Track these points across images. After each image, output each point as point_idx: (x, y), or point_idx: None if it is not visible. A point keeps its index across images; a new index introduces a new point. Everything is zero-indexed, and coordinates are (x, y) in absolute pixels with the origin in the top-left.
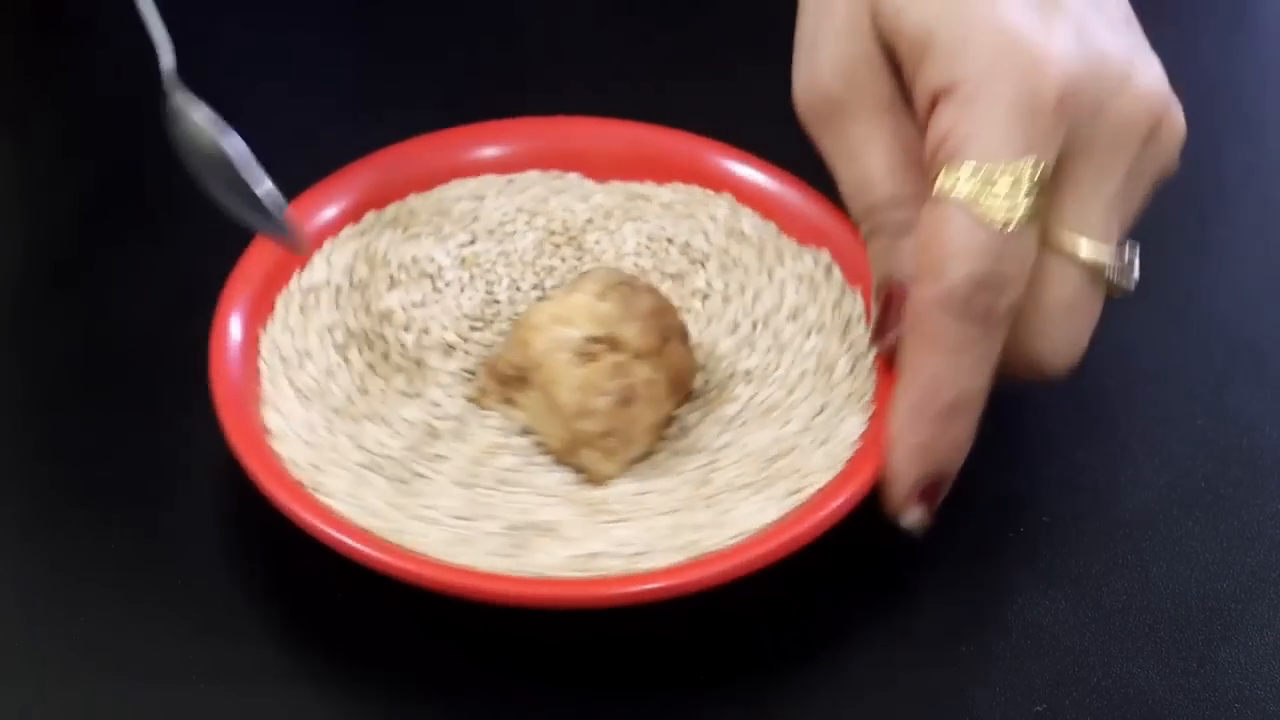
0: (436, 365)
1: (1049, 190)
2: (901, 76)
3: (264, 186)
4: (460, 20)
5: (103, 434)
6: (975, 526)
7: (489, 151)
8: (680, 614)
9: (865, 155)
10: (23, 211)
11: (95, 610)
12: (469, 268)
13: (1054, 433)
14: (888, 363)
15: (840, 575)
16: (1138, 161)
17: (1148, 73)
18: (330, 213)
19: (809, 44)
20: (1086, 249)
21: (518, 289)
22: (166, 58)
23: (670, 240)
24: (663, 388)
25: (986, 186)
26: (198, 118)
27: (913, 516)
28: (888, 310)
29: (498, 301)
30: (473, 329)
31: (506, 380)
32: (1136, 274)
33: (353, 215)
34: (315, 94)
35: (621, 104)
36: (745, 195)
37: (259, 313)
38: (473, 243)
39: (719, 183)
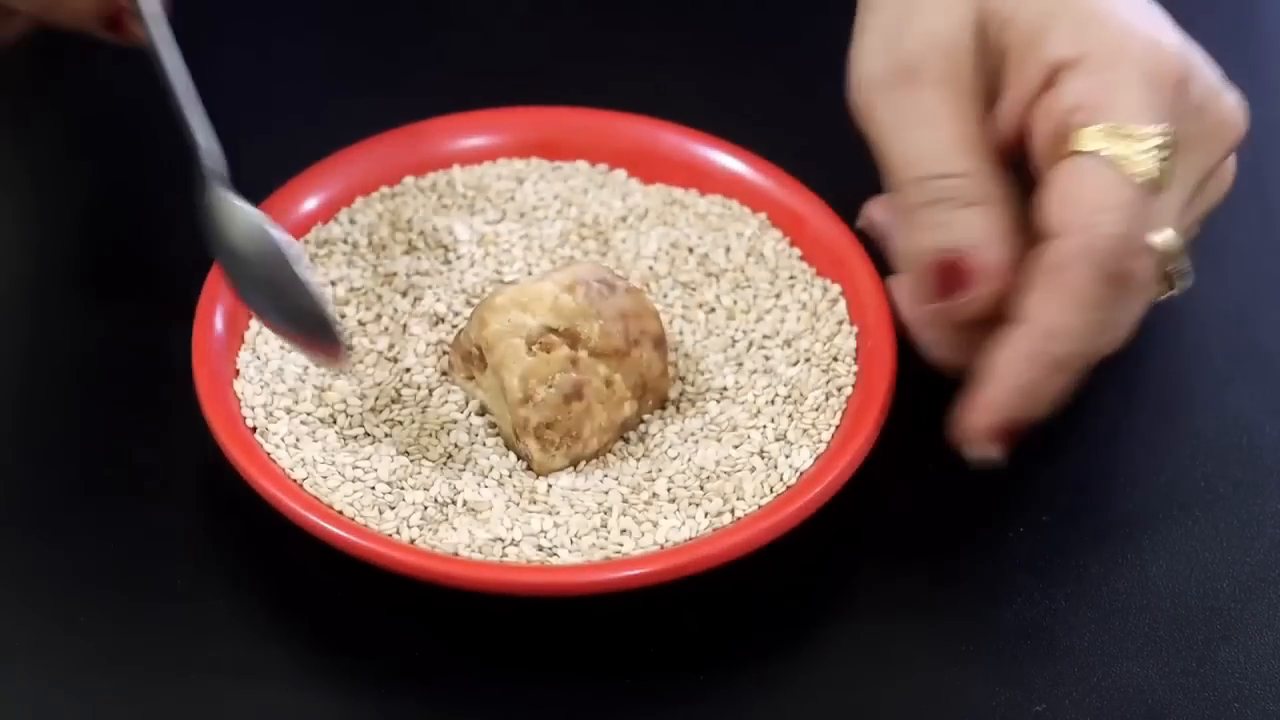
0: (419, 333)
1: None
2: (983, 69)
3: (317, 289)
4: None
5: (102, 434)
6: (975, 526)
7: (540, 135)
8: (679, 605)
9: (934, 124)
10: (22, 212)
11: (95, 610)
12: (486, 245)
13: (1054, 433)
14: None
15: (838, 574)
16: (1214, 172)
17: (1235, 94)
18: (367, 172)
19: (894, 19)
20: (1164, 236)
21: (529, 273)
22: (213, 159)
23: (691, 250)
24: (623, 390)
25: (1129, 146)
26: (245, 218)
27: (984, 452)
28: (946, 276)
29: (503, 282)
30: (468, 304)
31: (468, 357)
32: (1190, 280)
33: (390, 178)
34: (315, 93)
35: (624, 100)
36: (778, 217)
37: None
38: (499, 222)
39: (757, 201)
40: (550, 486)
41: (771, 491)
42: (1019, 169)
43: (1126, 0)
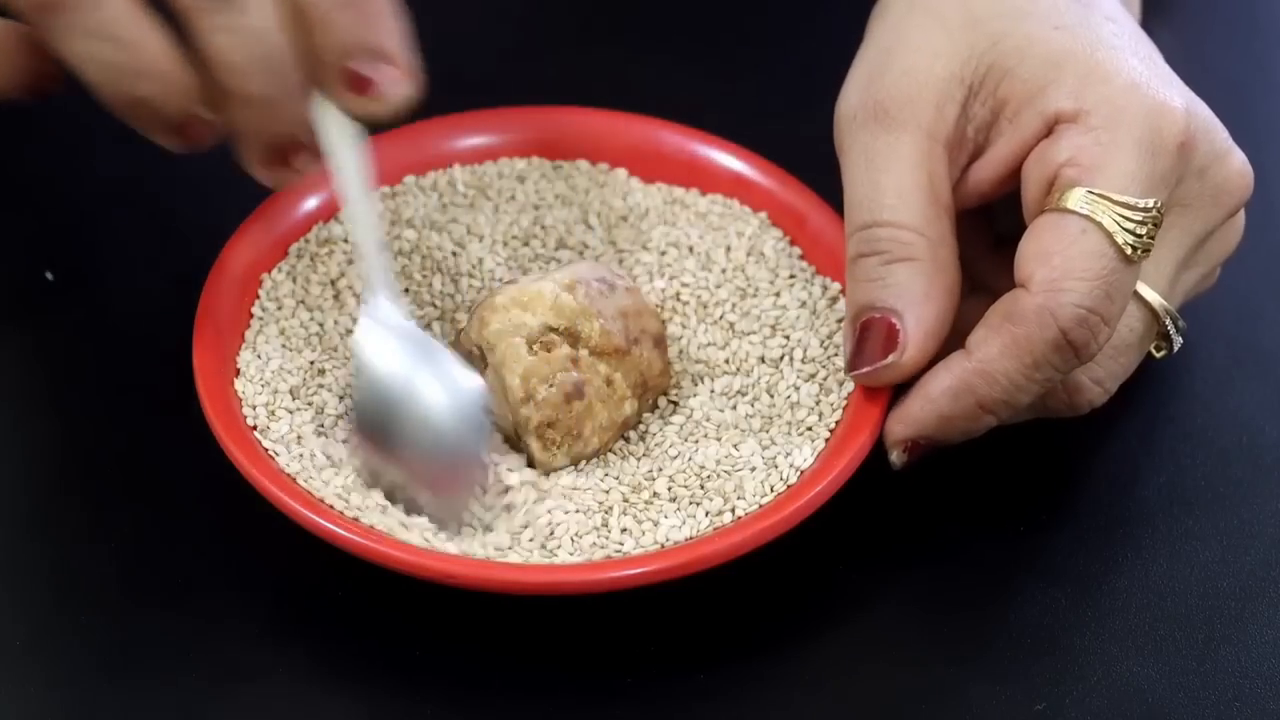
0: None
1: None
2: (970, 120)
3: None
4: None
5: (102, 434)
6: (976, 526)
7: (540, 135)
8: (679, 605)
9: (887, 170)
10: (21, 212)
11: (95, 610)
12: (486, 241)
13: (1054, 432)
14: (863, 393)
15: (839, 573)
16: (1215, 234)
17: (1242, 156)
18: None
19: (881, 54)
20: (1154, 298)
21: (524, 272)
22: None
23: (692, 249)
24: (623, 388)
25: (1114, 215)
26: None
27: (894, 458)
28: (866, 340)
29: (504, 281)
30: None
31: (469, 356)
32: (1181, 340)
33: (390, 177)
34: None
35: (628, 99)
36: (779, 216)
37: (268, 257)
38: (501, 220)
39: (758, 201)
40: (552, 485)
41: (772, 490)
42: (996, 219)
43: (1135, 56)
